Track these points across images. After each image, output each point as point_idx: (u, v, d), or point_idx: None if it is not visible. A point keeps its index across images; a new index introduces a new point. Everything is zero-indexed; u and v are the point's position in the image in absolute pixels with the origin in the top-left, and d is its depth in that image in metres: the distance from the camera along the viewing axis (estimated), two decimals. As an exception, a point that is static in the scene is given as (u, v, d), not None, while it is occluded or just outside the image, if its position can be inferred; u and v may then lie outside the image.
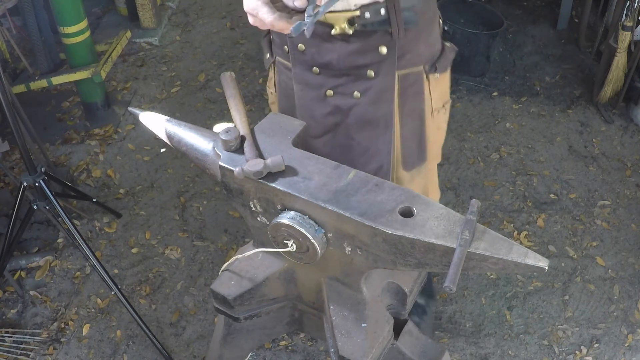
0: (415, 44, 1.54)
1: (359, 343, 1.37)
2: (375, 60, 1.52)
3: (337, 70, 1.54)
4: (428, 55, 1.59)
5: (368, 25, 1.46)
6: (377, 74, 1.54)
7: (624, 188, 3.00)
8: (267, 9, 1.11)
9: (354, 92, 1.56)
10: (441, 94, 1.68)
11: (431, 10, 1.56)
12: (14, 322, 2.46)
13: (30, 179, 2.26)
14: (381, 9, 1.43)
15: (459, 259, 1.09)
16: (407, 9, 1.47)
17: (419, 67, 1.58)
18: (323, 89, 1.59)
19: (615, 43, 3.21)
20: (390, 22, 1.46)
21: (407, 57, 1.54)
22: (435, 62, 1.61)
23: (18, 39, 3.56)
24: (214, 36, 4.18)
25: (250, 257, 1.51)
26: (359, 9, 1.43)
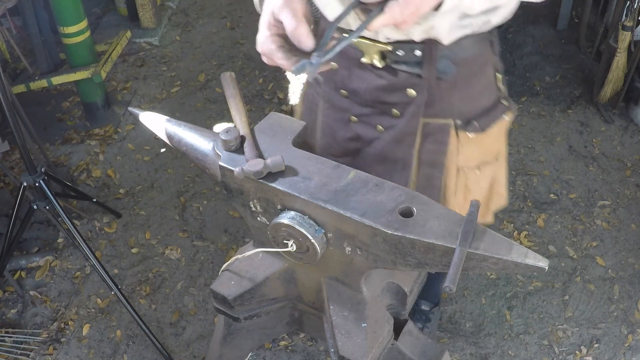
0: (448, 95, 1.43)
1: (359, 343, 1.37)
2: (402, 101, 1.44)
3: (363, 99, 1.48)
4: (464, 109, 1.46)
5: (400, 64, 1.38)
6: (402, 114, 1.46)
7: (624, 188, 3.00)
8: (282, 54, 1.08)
9: (377, 125, 1.50)
10: (477, 153, 1.54)
11: (477, 62, 1.43)
12: (14, 322, 2.46)
13: (30, 179, 2.26)
14: (416, 50, 1.34)
15: (459, 259, 1.09)
16: (445, 57, 1.37)
17: (448, 120, 1.46)
18: (348, 114, 1.53)
19: (615, 43, 3.21)
20: (423, 66, 1.37)
21: (436, 107, 1.44)
22: (475, 118, 1.47)
23: (18, 39, 3.56)
24: (214, 36, 4.18)
25: (250, 257, 1.51)
26: (392, 44, 1.35)
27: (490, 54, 1.47)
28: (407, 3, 1.00)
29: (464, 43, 1.36)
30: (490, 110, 1.52)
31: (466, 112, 1.47)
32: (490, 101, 1.52)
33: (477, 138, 1.50)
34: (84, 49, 3.17)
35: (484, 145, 1.54)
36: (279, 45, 1.09)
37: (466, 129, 1.48)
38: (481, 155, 1.56)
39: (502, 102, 1.54)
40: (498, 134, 1.58)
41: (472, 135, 1.49)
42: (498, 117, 1.53)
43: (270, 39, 1.10)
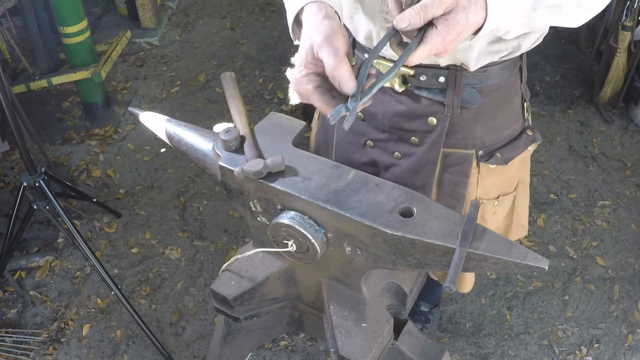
0: (471, 126, 1.36)
1: (359, 343, 1.37)
2: (422, 129, 1.38)
3: (381, 124, 1.42)
4: (487, 140, 1.39)
5: (422, 90, 1.32)
6: (422, 143, 1.39)
7: (624, 188, 3.00)
8: (319, 96, 1.00)
9: (394, 152, 1.45)
10: (497, 186, 1.47)
11: (504, 91, 1.35)
12: (14, 322, 2.46)
13: (30, 179, 2.26)
14: (440, 76, 1.29)
15: (459, 259, 1.09)
16: (471, 85, 1.30)
17: (470, 151, 1.40)
18: (364, 138, 1.48)
19: (615, 43, 3.21)
20: (447, 94, 1.30)
21: (458, 137, 1.37)
22: (497, 149, 1.40)
23: (18, 39, 3.56)
24: (214, 36, 4.18)
25: (250, 257, 1.51)
26: (416, 67, 1.28)
27: (517, 82, 1.41)
28: (448, 31, 0.91)
29: (491, 70, 1.31)
30: (514, 141, 1.45)
31: (489, 143, 1.41)
32: (515, 132, 1.45)
33: (498, 170, 1.44)
34: (84, 49, 3.17)
35: (504, 177, 1.48)
36: (316, 86, 1.01)
37: (488, 161, 1.41)
38: (500, 187, 1.50)
39: (527, 133, 1.47)
40: (520, 165, 1.52)
41: (493, 167, 1.42)
42: (522, 149, 1.46)
43: (307, 79, 1.01)
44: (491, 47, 1.25)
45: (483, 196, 1.46)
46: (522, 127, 1.47)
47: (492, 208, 1.51)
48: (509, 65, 1.34)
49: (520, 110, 1.45)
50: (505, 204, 1.55)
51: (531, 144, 1.48)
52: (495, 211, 1.52)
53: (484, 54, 1.25)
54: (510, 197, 1.55)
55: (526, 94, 1.47)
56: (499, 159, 1.41)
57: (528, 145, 1.47)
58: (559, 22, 1.13)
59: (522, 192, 1.62)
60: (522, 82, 1.43)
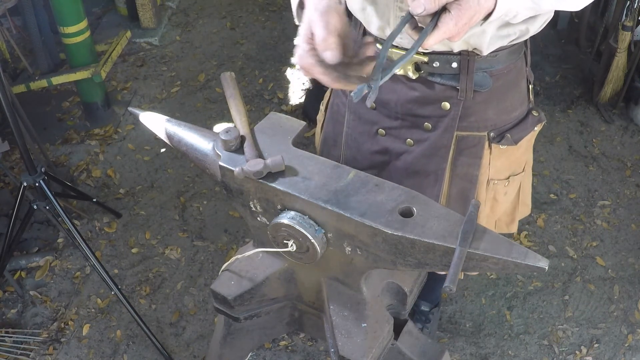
0: (483, 108, 1.40)
1: (359, 343, 1.37)
2: (435, 115, 1.41)
3: (393, 112, 1.45)
4: (498, 122, 1.44)
5: (435, 76, 1.36)
6: (435, 128, 1.43)
7: (624, 188, 3.00)
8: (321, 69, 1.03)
9: (407, 139, 1.47)
10: (507, 166, 1.52)
11: (512, 74, 1.41)
12: (14, 322, 2.46)
13: (30, 179, 2.26)
14: (453, 62, 1.33)
15: (459, 259, 1.09)
16: (482, 70, 1.35)
17: (482, 133, 1.44)
18: (375, 127, 1.50)
19: (615, 43, 3.21)
20: (460, 79, 1.34)
21: (471, 120, 1.41)
22: (507, 130, 1.45)
23: (18, 39, 3.56)
24: (214, 36, 4.18)
25: (250, 257, 1.51)
26: (429, 54, 1.32)
27: (523, 65, 1.46)
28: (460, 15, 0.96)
29: (500, 55, 1.35)
30: (522, 121, 1.50)
31: (500, 125, 1.45)
32: (523, 113, 1.50)
33: (508, 150, 1.48)
34: (84, 49, 3.17)
35: (513, 157, 1.52)
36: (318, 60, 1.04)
37: (499, 142, 1.45)
38: (511, 167, 1.54)
39: (533, 113, 1.52)
40: (527, 146, 1.57)
41: (504, 147, 1.46)
42: (529, 129, 1.51)
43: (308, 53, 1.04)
44: (501, 32, 1.29)
45: (495, 177, 1.51)
46: (528, 108, 1.53)
47: (503, 188, 1.55)
48: (516, 49, 1.39)
49: (526, 92, 1.51)
50: (515, 184, 1.59)
51: (537, 124, 1.53)
52: (507, 191, 1.56)
53: (494, 38, 1.29)
54: (520, 177, 1.60)
55: (530, 76, 1.52)
56: (510, 140, 1.45)
57: (535, 125, 1.52)
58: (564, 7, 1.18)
59: (527, 172, 1.68)
60: (527, 65, 1.48)
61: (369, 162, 1.55)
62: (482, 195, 1.53)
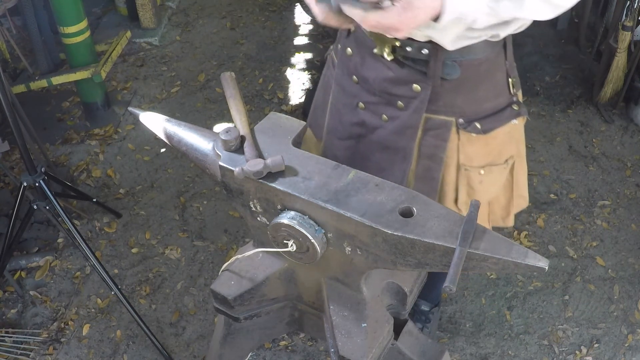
0: (452, 95, 1.46)
1: (359, 343, 1.37)
2: (407, 95, 1.47)
3: (372, 88, 1.52)
4: (468, 110, 1.49)
5: (408, 60, 1.42)
6: (406, 107, 1.49)
7: (624, 188, 3.00)
8: None
9: (382, 115, 1.53)
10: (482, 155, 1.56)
11: (485, 67, 1.44)
12: (14, 322, 2.46)
13: (30, 179, 2.26)
14: (424, 48, 1.38)
15: (459, 259, 1.09)
16: (451, 59, 1.39)
17: (450, 118, 1.49)
18: (356, 100, 1.57)
19: (615, 43, 3.21)
20: (429, 65, 1.40)
21: (439, 104, 1.47)
22: (477, 120, 1.49)
23: (18, 39, 3.56)
24: (214, 36, 4.18)
25: (250, 257, 1.51)
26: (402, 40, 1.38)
27: (501, 59, 1.48)
28: (405, 8, 1.01)
29: (472, 47, 1.38)
30: (497, 113, 1.52)
31: (469, 113, 1.49)
32: (499, 105, 1.53)
33: (480, 139, 1.52)
34: (84, 49, 3.17)
35: (489, 147, 1.56)
36: None
37: (467, 129, 1.50)
38: (486, 156, 1.57)
39: (513, 107, 1.54)
40: (506, 138, 1.58)
41: (474, 135, 1.51)
42: (503, 122, 1.53)
43: None
44: (469, 33, 1.33)
45: (466, 163, 1.56)
46: (508, 101, 1.54)
47: (477, 176, 1.59)
48: (491, 44, 1.41)
49: (505, 85, 1.52)
50: (495, 175, 1.62)
51: (515, 117, 1.55)
52: (482, 180, 1.60)
53: (461, 38, 1.34)
54: (500, 169, 1.63)
55: (511, 70, 1.52)
56: (478, 129, 1.50)
57: (511, 118, 1.55)
58: (525, 15, 1.23)
59: (520, 165, 1.71)
60: (506, 59, 1.49)
61: (348, 132, 1.63)
62: (450, 177, 1.58)
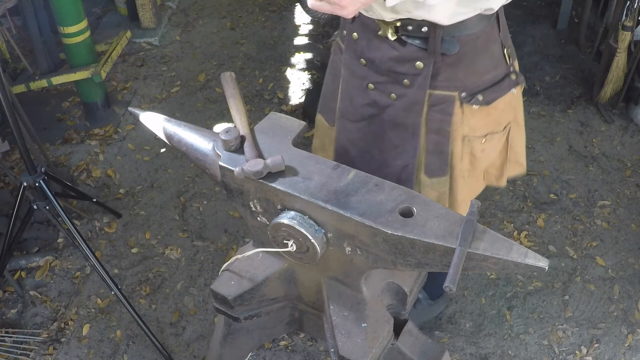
0: (453, 70, 1.52)
1: (359, 343, 1.38)
2: (411, 72, 1.53)
3: (379, 68, 1.58)
4: (469, 83, 1.55)
5: (410, 38, 1.48)
6: (412, 85, 1.55)
7: (624, 188, 3.00)
8: None
9: (391, 94, 1.59)
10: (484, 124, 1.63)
11: (481, 40, 1.51)
12: (14, 322, 2.46)
13: (30, 179, 2.26)
14: (424, 27, 1.44)
15: (459, 259, 1.09)
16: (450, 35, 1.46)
17: (453, 92, 1.55)
18: (366, 81, 1.62)
19: (615, 43, 3.21)
20: (428, 42, 1.47)
21: (441, 79, 1.53)
22: (479, 92, 1.56)
23: (18, 39, 3.56)
24: (214, 36, 4.18)
25: (250, 257, 1.51)
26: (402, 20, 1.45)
27: (495, 31, 1.54)
28: None
29: (467, 22, 1.45)
30: (496, 84, 1.58)
31: (470, 86, 1.55)
32: (498, 76, 1.59)
33: (482, 110, 1.59)
34: (84, 49, 3.16)
35: (490, 117, 1.63)
36: None
37: (470, 102, 1.56)
38: (487, 126, 1.64)
39: (511, 77, 1.60)
40: (506, 107, 1.65)
41: (476, 107, 1.57)
42: (504, 91, 1.60)
43: None
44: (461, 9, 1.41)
45: (470, 133, 1.62)
46: (506, 71, 1.61)
47: (480, 145, 1.66)
48: (485, 17, 1.48)
49: (502, 56, 1.58)
50: (494, 142, 1.69)
51: (514, 86, 1.62)
52: (484, 148, 1.68)
53: (456, 14, 1.41)
54: (499, 136, 1.69)
55: (505, 41, 1.59)
56: (480, 101, 1.56)
57: (511, 87, 1.61)
58: None
59: (516, 131, 1.77)
60: (500, 31, 1.55)
61: (360, 114, 1.67)
62: (457, 149, 1.64)
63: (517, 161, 1.84)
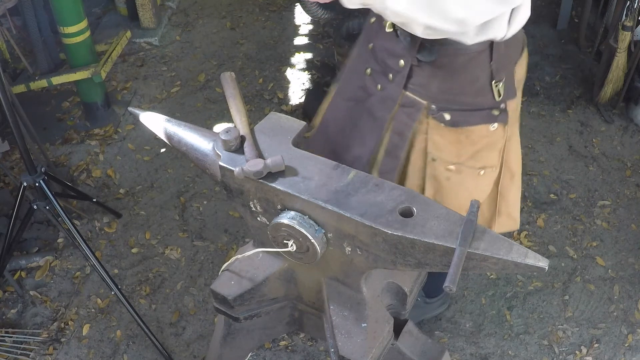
0: (427, 79, 1.52)
1: (359, 343, 1.38)
2: (395, 68, 1.55)
3: (377, 56, 1.61)
4: (440, 97, 1.54)
5: (402, 35, 1.50)
6: (393, 80, 1.57)
7: (624, 188, 3.00)
8: None
9: (378, 84, 1.62)
10: (453, 150, 1.59)
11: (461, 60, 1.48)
12: (14, 322, 2.46)
13: (30, 179, 2.26)
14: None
15: (459, 259, 1.09)
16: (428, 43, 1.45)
17: (422, 100, 1.55)
18: (366, 65, 1.66)
19: (615, 43, 3.21)
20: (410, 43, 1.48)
21: (414, 83, 1.54)
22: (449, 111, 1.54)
23: (18, 39, 3.56)
24: (214, 36, 4.18)
25: (250, 257, 1.51)
26: None
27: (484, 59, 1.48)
28: None
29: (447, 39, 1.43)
30: (471, 111, 1.54)
31: (441, 101, 1.54)
32: (477, 104, 1.54)
33: (451, 132, 1.56)
34: (84, 49, 3.16)
35: (460, 145, 1.58)
36: None
37: (435, 117, 1.55)
38: (457, 154, 1.60)
39: (492, 111, 1.55)
40: (483, 142, 1.59)
41: (442, 125, 1.55)
42: (477, 122, 1.55)
43: None
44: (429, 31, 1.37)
45: (433, 151, 1.60)
46: (490, 104, 1.55)
47: (445, 171, 1.62)
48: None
49: (488, 87, 1.52)
50: (465, 177, 1.63)
51: (491, 122, 1.56)
52: (450, 177, 1.63)
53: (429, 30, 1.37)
54: (473, 173, 1.63)
55: (497, 74, 1.52)
56: (446, 120, 1.54)
57: (486, 121, 1.55)
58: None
59: (508, 180, 1.71)
60: (492, 61, 1.49)
61: (352, 94, 1.71)
62: (416, 161, 1.63)
63: (510, 215, 1.78)
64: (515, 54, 1.59)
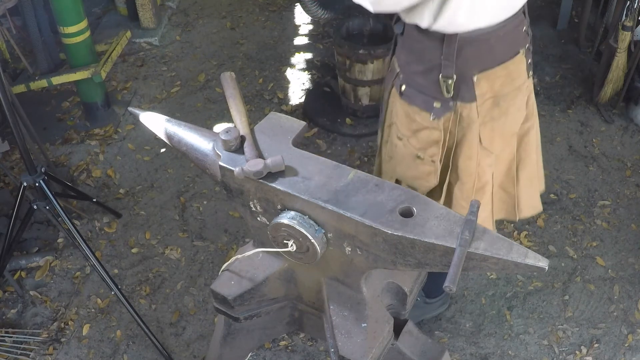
0: (399, 50, 1.67)
1: (359, 343, 1.38)
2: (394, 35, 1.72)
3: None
4: (405, 70, 1.65)
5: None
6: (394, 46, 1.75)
7: (624, 188, 3.00)
8: None
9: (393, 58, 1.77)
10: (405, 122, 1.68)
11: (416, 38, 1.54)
12: (14, 322, 2.46)
13: (30, 179, 2.26)
14: None
15: (459, 259, 1.09)
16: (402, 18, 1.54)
17: (397, 69, 1.69)
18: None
19: (615, 43, 3.21)
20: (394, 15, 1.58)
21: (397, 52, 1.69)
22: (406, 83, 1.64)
23: (18, 39, 3.56)
24: (214, 36, 4.18)
25: (250, 257, 1.51)
26: None
27: (436, 48, 1.51)
28: None
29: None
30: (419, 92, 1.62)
31: (406, 74, 1.65)
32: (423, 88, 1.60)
33: (402, 105, 1.66)
34: (84, 49, 3.16)
35: (408, 118, 1.66)
36: None
37: (396, 86, 1.68)
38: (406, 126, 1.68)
39: (434, 103, 1.59)
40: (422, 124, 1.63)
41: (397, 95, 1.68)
42: (419, 104, 1.62)
43: None
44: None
45: (392, 116, 1.73)
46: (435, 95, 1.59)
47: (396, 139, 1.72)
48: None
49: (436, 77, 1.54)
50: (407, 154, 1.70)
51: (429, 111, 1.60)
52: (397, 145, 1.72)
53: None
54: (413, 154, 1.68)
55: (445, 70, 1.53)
56: (401, 90, 1.64)
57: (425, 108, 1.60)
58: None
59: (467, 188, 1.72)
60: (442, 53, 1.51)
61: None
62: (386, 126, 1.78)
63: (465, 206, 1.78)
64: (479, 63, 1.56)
